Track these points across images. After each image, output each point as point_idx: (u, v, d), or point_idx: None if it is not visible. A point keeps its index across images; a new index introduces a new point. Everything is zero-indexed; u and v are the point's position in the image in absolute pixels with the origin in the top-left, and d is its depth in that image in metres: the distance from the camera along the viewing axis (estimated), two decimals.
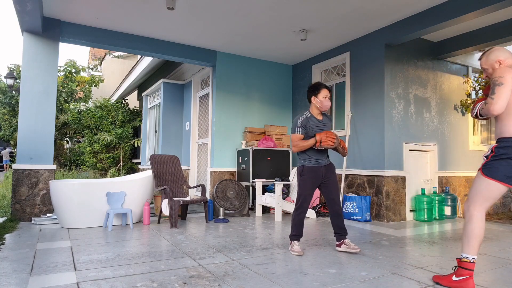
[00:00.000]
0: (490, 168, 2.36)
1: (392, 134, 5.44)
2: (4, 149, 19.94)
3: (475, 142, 6.65)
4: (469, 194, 2.51)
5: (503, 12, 4.85)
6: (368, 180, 5.56)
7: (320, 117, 3.59)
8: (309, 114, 3.54)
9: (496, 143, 2.39)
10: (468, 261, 2.44)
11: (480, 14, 4.36)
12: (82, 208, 4.56)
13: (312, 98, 3.55)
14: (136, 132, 11.66)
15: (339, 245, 3.54)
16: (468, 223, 2.46)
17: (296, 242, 3.48)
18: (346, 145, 5.86)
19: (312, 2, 4.67)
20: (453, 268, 2.57)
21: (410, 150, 5.64)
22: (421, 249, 3.72)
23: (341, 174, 5.92)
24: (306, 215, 5.68)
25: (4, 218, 5.01)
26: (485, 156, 2.42)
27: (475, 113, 2.54)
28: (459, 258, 2.50)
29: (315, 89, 3.53)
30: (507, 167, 2.29)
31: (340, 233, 3.52)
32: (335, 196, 3.52)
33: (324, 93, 3.50)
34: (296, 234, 3.49)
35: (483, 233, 2.43)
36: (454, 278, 2.48)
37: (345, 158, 5.83)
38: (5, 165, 18.90)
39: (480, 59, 2.63)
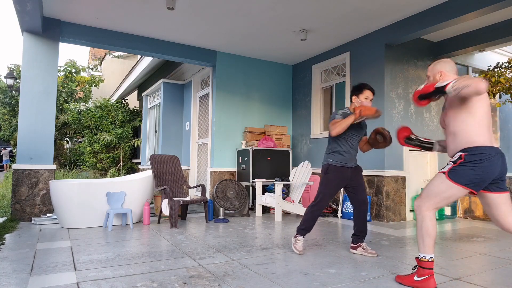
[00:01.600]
0: (456, 173, 2.39)
1: (392, 134, 5.43)
2: (5, 149, 19.93)
3: None
4: (424, 193, 2.52)
5: (503, 12, 4.85)
6: (368, 180, 5.56)
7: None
8: (349, 111, 3.43)
9: (463, 151, 2.41)
10: (427, 260, 2.47)
11: (480, 14, 4.36)
12: (82, 208, 4.56)
13: (353, 97, 3.46)
14: (136, 132, 11.66)
15: (354, 248, 3.47)
16: (421, 223, 2.50)
17: (301, 238, 3.44)
18: None
19: (312, 2, 4.67)
20: (413, 268, 2.60)
21: (410, 150, 5.64)
22: None
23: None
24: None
25: (4, 218, 5.01)
26: (453, 161, 2.45)
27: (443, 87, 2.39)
28: (418, 257, 2.53)
29: (358, 88, 3.45)
30: (473, 175, 2.35)
31: (359, 236, 3.45)
32: (364, 198, 3.46)
33: (366, 94, 3.40)
34: (305, 228, 3.43)
35: (436, 231, 2.49)
36: (416, 278, 2.51)
37: None
38: (5, 165, 18.90)
39: (429, 65, 2.71)
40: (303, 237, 3.47)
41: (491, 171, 2.33)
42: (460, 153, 2.42)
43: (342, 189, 5.78)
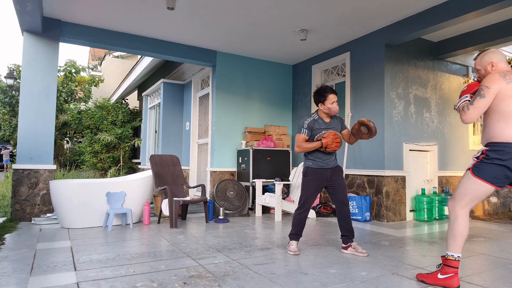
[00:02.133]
0: (480, 169, 2.42)
1: (392, 134, 5.44)
2: (5, 148, 19.93)
3: (475, 142, 6.65)
4: (455, 193, 2.55)
5: (503, 12, 4.85)
6: (368, 180, 5.56)
7: (327, 120, 3.50)
8: (317, 117, 3.48)
9: (486, 146, 2.45)
10: (454, 259, 2.48)
11: (480, 14, 4.36)
12: (82, 208, 4.56)
13: (319, 105, 3.47)
14: (136, 132, 11.65)
15: (345, 248, 3.48)
16: (454, 222, 2.51)
17: (293, 242, 3.47)
18: (346, 145, 5.86)
19: (312, 2, 4.67)
20: (437, 266, 2.62)
21: (410, 150, 5.64)
22: (421, 249, 3.71)
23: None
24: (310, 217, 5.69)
25: (4, 218, 5.00)
26: (476, 157, 2.48)
27: (457, 107, 2.57)
28: (444, 256, 2.54)
29: (320, 95, 3.43)
30: (496, 170, 2.36)
31: (348, 235, 3.46)
32: (343, 198, 3.47)
33: (331, 99, 3.39)
34: (295, 233, 3.47)
35: (468, 231, 2.49)
36: (439, 276, 2.52)
37: (345, 158, 5.83)
38: (5, 165, 18.90)
39: (475, 59, 2.66)
40: (297, 241, 3.49)
41: (508, 165, 2.31)
42: (483, 148, 2.44)
43: None
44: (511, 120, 2.35)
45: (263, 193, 5.89)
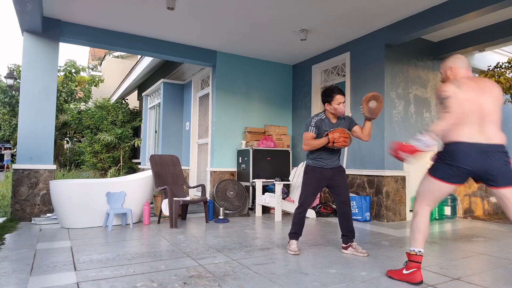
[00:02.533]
0: (434, 169, 2.59)
1: (392, 134, 5.44)
2: (6, 148, 19.94)
3: None
4: (416, 192, 2.71)
5: (503, 12, 4.85)
6: (368, 180, 5.56)
7: (334, 120, 3.47)
8: (324, 117, 3.45)
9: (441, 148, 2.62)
10: (415, 253, 2.59)
11: (480, 14, 4.36)
12: (82, 208, 4.56)
13: (326, 105, 3.45)
14: (136, 132, 11.65)
15: (345, 248, 3.49)
16: (413, 219, 2.65)
17: (294, 241, 3.47)
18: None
19: (312, 2, 4.67)
20: (404, 263, 2.69)
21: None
22: None
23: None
24: (306, 215, 5.69)
25: (4, 218, 5.00)
26: (432, 159, 2.66)
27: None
28: (408, 251, 2.64)
29: (328, 95, 3.40)
30: (447, 169, 2.50)
31: (348, 236, 3.47)
32: (345, 198, 3.46)
33: (338, 99, 3.36)
34: (295, 232, 3.47)
35: (427, 228, 2.60)
36: (404, 271, 2.64)
37: (345, 158, 5.83)
38: (6, 165, 18.90)
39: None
40: (297, 240, 3.50)
41: (464, 165, 2.43)
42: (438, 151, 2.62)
43: None
44: (459, 122, 2.46)
45: (263, 193, 5.89)
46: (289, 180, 6.03)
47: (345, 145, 3.32)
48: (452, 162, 2.47)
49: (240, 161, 6.60)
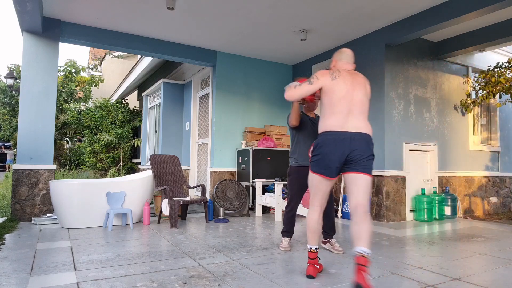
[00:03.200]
0: (313, 163, 2.67)
1: (392, 134, 5.44)
2: (8, 148, 19.93)
3: (475, 142, 6.65)
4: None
5: (503, 12, 4.85)
6: None
7: (313, 115, 3.74)
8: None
9: None
10: (308, 250, 2.72)
11: (480, 14, 4.36)
12: (82, 208, 4.56)
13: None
14: (136, 132, 11.65)
15: (324, 243, 3.65)
16: (307, 217, 2.78)
17: (285, 239, 3.63)
18: None
19: (312, 2, 4.67)
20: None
21: (410, 150, 5.64)
22: (421, 249, 3.71)
23: (341, 174, 5.91)
24: (305, 215, 5.69)
25: (4, 218, 5.00)
26: (310, 153, 2.76)
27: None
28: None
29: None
30: (318, 160, 2.59)
31: (328, 232, 3.60)
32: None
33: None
34: (286, 230, 3.65)
35: (315, 226, 2.69)
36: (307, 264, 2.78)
37: None
38: (7, 165, 18.90)
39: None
40: (289, 238, 3.66)
41: (329, 154, 2.52)
42: None
43: (342, 189, 5.79)
44: (329, 112, 2.58)
45: (263, 193, 5.89)
46: None
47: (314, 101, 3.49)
48: (322, 153, 2.55)
49: (240, 161, 6.60)
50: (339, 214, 5.72)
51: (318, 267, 2.77)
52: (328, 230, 3.58)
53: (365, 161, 2.50)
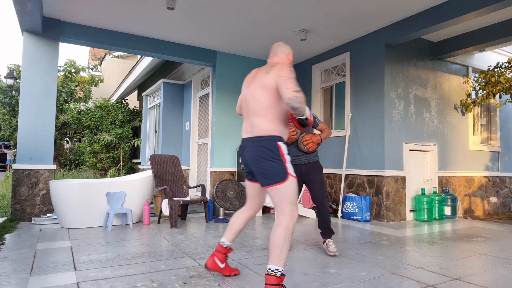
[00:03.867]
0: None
1: (392, 134, 5.44)
2: (7, 148, 19.94)
3: (475, 142, 6.65)
4: None
5: (503, 12, 4.85)
6: (368, 180, 5.55)
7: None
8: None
9: None
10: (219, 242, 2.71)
11: (480, 14, 4.36)
12: (82, 208, 4.56)
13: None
14: (136, 132, 11.66)
15: (323, 243, 3.63)
16: None
17: None
18: (346, 145, 5.87)
19: (312, 2, 4.67)
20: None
21: (410, 150, 5.64)
22: (421, 249, 3.72)
23: (341, 174, 5.92)
24: (305, 215, 5.70)
25: (4, 218, 5.01)
26: None
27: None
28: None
29: None
30: (246, 166, 2.50)
31: (324, 232, 3.55)
32: (318, 195, 3.51)
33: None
34: None
35: (236, 224, 2.64)
36: None
37: (345, 158, 5.83)
38: (7, 165, 18.91)
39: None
40: None
41: (243, 161, 2.51)
42: None
43: (342, 189, 5.79)
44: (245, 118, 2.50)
45: None
46: None
47: (309, 146, 3.51)
48: (242, 158, 2.52)
49: (240, 161, 6.60)
50: (339, 214, 5.72)
51: (222, 265, 2.63)
52: (323, 229, 3.53)
53: (258, 170, 2.30)
